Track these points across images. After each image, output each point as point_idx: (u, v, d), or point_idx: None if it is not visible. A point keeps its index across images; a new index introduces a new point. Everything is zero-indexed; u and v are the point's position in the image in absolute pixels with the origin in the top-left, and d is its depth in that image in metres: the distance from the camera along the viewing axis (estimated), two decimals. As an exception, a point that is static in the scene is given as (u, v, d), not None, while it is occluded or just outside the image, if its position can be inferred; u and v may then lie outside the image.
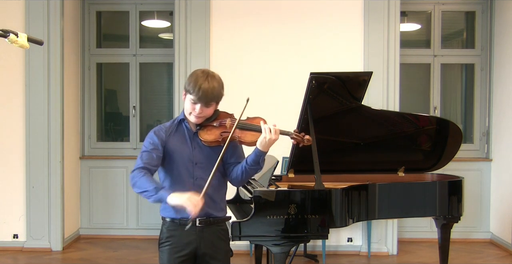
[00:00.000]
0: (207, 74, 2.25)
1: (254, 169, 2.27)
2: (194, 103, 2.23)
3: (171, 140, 2.29)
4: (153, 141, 2.27)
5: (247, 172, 2.28)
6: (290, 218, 2.94)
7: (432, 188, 3.55)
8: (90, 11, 5.64)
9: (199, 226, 2.26)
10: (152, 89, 5.85)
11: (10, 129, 5.01)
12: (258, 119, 2.32)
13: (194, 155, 2.28)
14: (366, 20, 4.90)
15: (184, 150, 2.28)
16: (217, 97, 2.26)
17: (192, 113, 2.26)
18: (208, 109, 2.26)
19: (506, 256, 4.94)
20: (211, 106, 2.26)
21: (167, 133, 2.30)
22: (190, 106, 2.25)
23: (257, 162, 2.25)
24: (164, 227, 2.34)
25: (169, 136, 2.29)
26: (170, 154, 2.27)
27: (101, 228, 5.56)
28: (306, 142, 2.39)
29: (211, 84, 2.21)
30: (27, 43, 1.82)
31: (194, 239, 2.27)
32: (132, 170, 2.24)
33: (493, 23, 5.42)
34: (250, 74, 4.96)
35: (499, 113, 5.33)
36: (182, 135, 2.31)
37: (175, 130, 2.32)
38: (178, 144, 2.29)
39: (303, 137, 2.38)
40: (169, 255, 2.29)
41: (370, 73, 3.40)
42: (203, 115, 2.26)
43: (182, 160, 2.27)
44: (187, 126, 2.33)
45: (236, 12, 4.99)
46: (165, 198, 2.09)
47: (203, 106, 2.22)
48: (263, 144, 2.21)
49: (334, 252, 4.97)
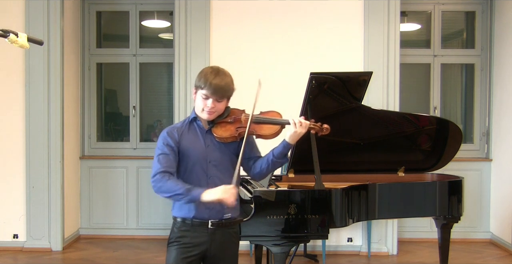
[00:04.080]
0: (217, 69, 2.26)
1: (280, 162, 2.30)
2: (206, 98, 2.22)
3: (184, 139, 2.27)
4: (168, 143, 2.24)
5: (273, 165, 2.30)
6: (290, 218, 2.94)
7: (432, 188, 3.56)
8: (90, 11, 5.64)
9: (211, 228, 2.25)
10: (152, 89, 5.85)
11: (10, 129, 5.01)
12: (272, 113, 2.35)
13: (207, 153, 2.27)
14: (366, 20, 4.90)
15: (198, 149, 2.27)
16: (228, 90, 2.26)
17: (205, 109, 2.24)
18: (220, 104, 2.25)
19: (506, 256, 4.94)
20: (223, 100, 2.26)
21: (179, 133, 2.28)
22: (202, 102, 2.24)
23: (285, 155, 2.28)
24: (175, 227, 2.30)
25: (181, 136, 2.27)
26: (184, 153, 2.26)
27: (101, 228, 5.55)
28: (325, 131, 2.40)
29: (223, 78, 2.23)
30: (27, 43, 1.82)
31: (205, 241, 2.26)
32: (153, 175, 2.19)
33: (493, 23, 5.42)
34: (250, 74, 4.94)
35: (499, 113, 5.33)
36: (194, 134, 2.30)
37: (187, 129, 2.30)
38: (191, 143, 2.27)
39: (321, 126, 2.40)
40: (177, 254, 2.26)
41: (370, 73, 3.41)
42: (215, 111, 2.25)
43: (196, 159, 2.25)
44: (199, 124, 2.31)
45: (236, 12, 4.99)
46: (198, 197, 2.10)
47: (215, 100, 2.22)
48: (292, 137, 2.25)
49: (334, 252, 4.97)
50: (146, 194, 5.53)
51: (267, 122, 2.30)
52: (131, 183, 5.56)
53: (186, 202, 2.17)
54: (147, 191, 5.53)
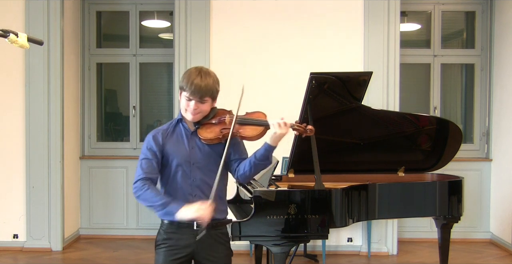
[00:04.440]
0: (200, 70, 2.23)
1: (263, 164, 2.24)
2: (188, 100, 2.21)
3: (168, 142, 2.26)
4: (151, 147, 2.24)
5: (256, 167, 2.24)
6: (290, 218, 2.94)
7: (432, 188, 3.55)
8: (90, 11, 5.64)
9: (197, 229, 2.20)
10: (152, 89, 5.85)
11: (10, 129, 5.01)
12: (257, 113, 2.32)
13: (191, 155, 2.25)
14: (366, 20, 4.90)
15: (181, 151, 2.25)
16: (211, 92, 2.22)
17: (188, 110, 2.23)
18: (204, 105, 2.23)
19: (506, 256, 4.94)
20: (206, 101, 2.23)
21: (164, 135, 2.27)
22: (185, 103, 2.23)
23: (267, 157, 2.22)
24: (161, 229, 2.29)
25: (165, 139, 2.26)
26: (167, 156, 2.25)
27: (101, 228, 5.56)
28: (309, 133, 2.35)
29: (204, 79, 2.19)
30: (27, 43, 1.82)
31: (192, 243, 2.23)
32: (134, 181, 2.21)
33: (493, 23, 5.42)
34: (250, 74, 4.95)
35: (499, 113, 5.33)
36: (179, 135, 2.29)
37: (171, 131, 2.30)
38: (175, 145, 2.26)
39: (305, 127, 2.34)
40: (165, 257, 2.24)
41: (370, 73, 3.40)
42: (198, 112, 2.23)
43: (179, 161, 2.24)
44: (184, 125, 2.30)
45: (236, 12, 4.99)
46: (173, 213, 2.11)
47: (197, 101, 2.20)
48: (273, 139, 2.20)
49: (334, 252, 4.97)
50: (146, 194, 5.52)
51: (251, 123, 2.27)
52: (131, 183, 5.51)
53: (161, 216, 2.20)
54: (147, 191, 5.52)
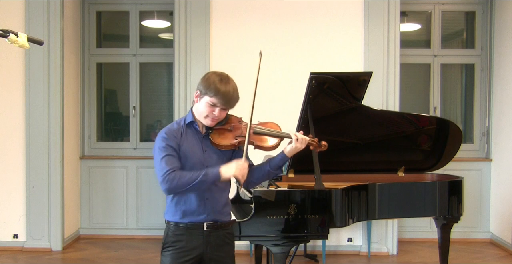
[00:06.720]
0: (227, 77, 2.24)
1: (275, 173, 2.34)
2: (214, 106, 2.18)
3: (184, 142, 2.24)
4: (171, 144, 2.20)
5: (268, 176, 2.35)
6: (290, 218, 2.95)
7: (432, 188, 3.55)
8: (90, 11, 5.64)
9: (206, 231, 2.24)
10: (152, 89, 5.85)
11: (10, 129, 5.01)
12: (271, 124, 2.35)
13: (205, 158, 2.25)
14: (366, 20, 4.90)
15: (196, 153, 2.24)
16: (237, 100, 2.24)
17: (209, 116, 2.21)
18: (225, 112, 2.24)
19: (506, 256, 4.94)
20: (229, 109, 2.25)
21: (179, 135, 2.24)
22: (207, 109, 2.20)
23: (280, 167, 2.32)
24: (169, 231, 2.28)
25: (181, 139, 2.24)
26: (183, 157, 2.22)
27: (101, 228, 5.56)
28: (323, 148, 2.45)
29: (233, 87, 2.22)
30: (27, 43, 1.82)
31: (200, 244, 2.24)
32: (162, 177, 2.13)
33: (493, 23, 5.42)
34: (250, 74, 4.94)
35: (499, 113, 5.33)
36: (192, 138, 2.27)
37: (185, 133, 2.26)
38: (191, 147, 2.24)
39: (319, 142, 2.43)
40: (173, 259, 2.24)
41: (370, 73, 3.40)
42: (219, 118, 2.24)
43: (194, 163, 2.22)
44: (196, 128, 2.29)
45: (236, 12, 4.99)
46: (218, 177, 2.14)
47: (222, 109, 2.20)
48: (291, 151, 2.30)
49: (334, 252, 4.97)
50: (146, 194, 5.53)
51: (267, 134, 2.31)
52: (131, 183, 5.56)
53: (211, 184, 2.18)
54: (147, 191, 5.53)
